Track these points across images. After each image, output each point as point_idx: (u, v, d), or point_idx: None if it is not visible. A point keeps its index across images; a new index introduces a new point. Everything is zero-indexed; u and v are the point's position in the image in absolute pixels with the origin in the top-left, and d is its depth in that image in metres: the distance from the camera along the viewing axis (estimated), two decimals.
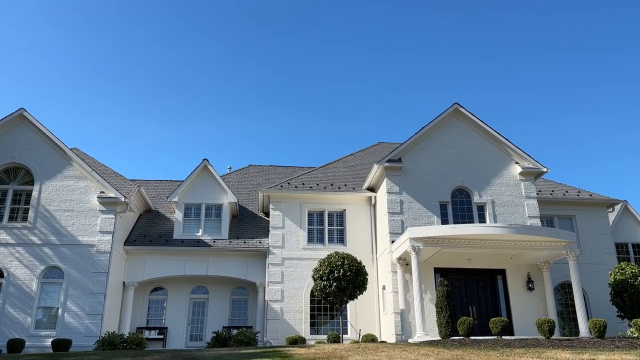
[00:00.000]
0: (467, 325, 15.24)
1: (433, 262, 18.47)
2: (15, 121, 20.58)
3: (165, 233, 21.87)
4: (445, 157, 20.47)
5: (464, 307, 18.48)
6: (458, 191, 20.16)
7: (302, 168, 28.32)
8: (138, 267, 20.84)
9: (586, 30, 67.49)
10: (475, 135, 20.94)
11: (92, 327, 18.14)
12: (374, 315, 20.25)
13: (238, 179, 27.52)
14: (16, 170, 20.29)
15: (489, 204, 19.95)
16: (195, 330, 21.20)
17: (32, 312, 18.34)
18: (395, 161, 20.07)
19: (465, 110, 20.90)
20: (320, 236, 21.64)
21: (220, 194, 22.44)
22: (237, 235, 21.98)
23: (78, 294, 18.57)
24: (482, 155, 20.67)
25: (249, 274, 21.12)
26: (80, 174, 20.22)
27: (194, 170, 22.55)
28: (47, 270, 18.95)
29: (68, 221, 19.53)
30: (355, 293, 17.32)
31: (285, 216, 21.54)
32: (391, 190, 19.81)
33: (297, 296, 20.36)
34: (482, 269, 18.94)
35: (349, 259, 17.35)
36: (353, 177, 23.33)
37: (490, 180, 20.31)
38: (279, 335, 19.45)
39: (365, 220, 21.74)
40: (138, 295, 21.04)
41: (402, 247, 17.59)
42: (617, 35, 66.09)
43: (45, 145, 20.42)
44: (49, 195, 19.84)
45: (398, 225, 19.19)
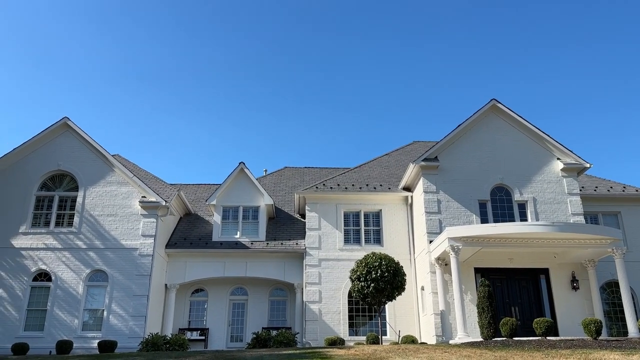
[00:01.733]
0: (510, 326, 14.93)
1: (473, 262, 18.17)
2: (60, 129, 21.33)
3: (205, 235, 22.26)
4: (484, 155, 20.10)
5: (506, 308, 18.11)
6: (497, 189, 19.77)
7: (337, 169, 28.32)
8: (179, 269, 21.28)
9: (628, 21, 65.10)
10: (514, 131, 20.50)
11: (136, 329, 18.61)
12: (413, 316, 20.07)
13: (274, 181, 27.76)
14: (61, 177, 21.02)
15: (530, 201, 19.49)
16: (236, 331, 21.49)
17: (79, 315, 18.94)
18: (431, 160, 19.84)
19: (503, 106, 20.49)
20: (356, 237, 21.59)
21: (257, 196, 22.68)
22: (274, 237, 22.16)
23: (122, 296, 19.08)
24: (522, 152, 20.21)
25: (287, 275, 21.27)
26: (122, 180, 20.80)
27: (230, 173, 22.88)
28: (93, 274, 19.56)
29: (111, 225, 20.11)
30: (393, 294, 17.19)
31: (321, 217, 21.59)
32: (428, 189, 19.59)
33: (335, 297, 20.37)
34: (524, 268, 18.52)
35: (386, 260, 17.24)
36: (389, 176, 23.19)
37: (531, 178, 19.84)
38: (318, 336, 19.50)
39: (401, 221, 21.57)
40: (180, 296, 21.48)
41: (441, 247, 17.37)
42: None
43: (88, 152, 21.09)
44: (93, 201, 20.48)
45: (436, 225, 18.96)
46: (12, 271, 19.40)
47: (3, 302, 18.99)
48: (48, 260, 19.56)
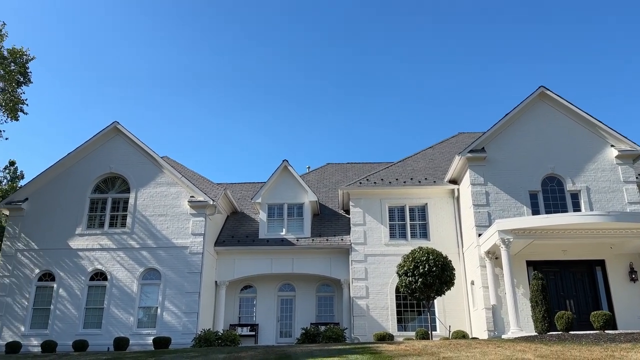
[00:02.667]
0: (566, 320, 14.50)
1: (525, 255, 17.70)
2: (110, 134, 22.10)
3: (251, 233, 22.61)
4: (533, 144, 19.52)
5: (561, 301, 17.57)
6: (549, 179, 19.17)
7: (380, 164, 28.15)
8: (228, 267, 21.70)
9: None
10: (565, 119, 19.81)
11: (189, 325, 19.10)
12: (463, 311, 19.74)
13: (317, 178, 27.86)
14: (113, 179, 21.78)
15: (584, 191, 18.81)
16: (284, 326, 21.74)
17: (134, 312, 19.59)
18: (478, 151, 19.43)
19: (552, 92, 19.83)
20: (402, 231, 21.41)
21: (301, 193, 22.83)
22: (319, 233, 22.26)
23: (174, 293, 19.62)
24: (573, 140, 19.52)
25: (333, 271, 21.33)
26: (171, 181, 21.37)
27: (274, 171, 23.13)
28: (146, 272, 20.19)
29: (162, 225, 20.70)
30: (442, 289, 16.98)
31: (365, 213, 21.52)
32: (475, 181, 19.20)
33: (382, 292, 20.28)
34: (578, 260, 17.92)
35: (433, 254, 17.05)
36: (433, 169, 22.86)
37: (584, 166, 19.14)
38: (366, 332, 19.48)
39: (448, 214, 21.24)
40: (229, 293, 21.91)
41: (490, 240, 17.00)
42: None
43: (138, 154, 21.76)
44: (144, 202, 21.13)
45: (484, 218, 18.57)
46: (70, 271, 20.26)
47: (63, 301, 19.87)
48: (103, 260, 20.32)
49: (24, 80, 23.75)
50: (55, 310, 19.74)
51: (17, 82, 23.41)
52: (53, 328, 19.46)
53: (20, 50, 23.29)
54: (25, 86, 23.91)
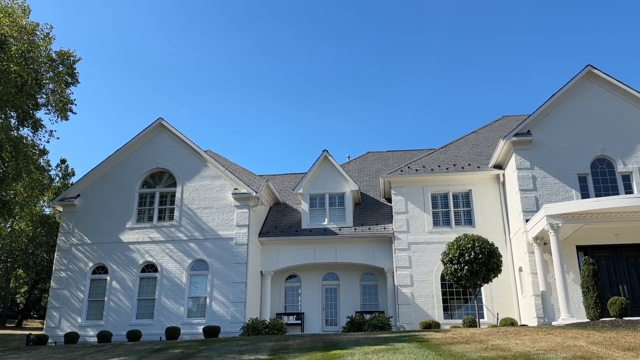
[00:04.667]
0: (619, 306, 14.05)
1: (574, 240, 17.21)
2: (156, 130, 22.71)
3: (294, 224, 22.84)
4: (581, 126, 18.87)
5: (613, 287, 17.00)
6: (598, 161, 18.52)
7: (421, 151, 27.84)
8: (272, 257, 22.03)
9: None
10: (614, 98, 19.04)
11: (236, 314, 19.55)
12: (511, 298, 19.39)
13: (357, 167, 27.82)
14: (160, 174, 22.42)
15: (636, 172, 18.08)
16: (330, 315, 21.95)
17: (184, 302, 20.19)
18: (523, 134, 18.94)
19: (600, 71, 19.08)
20: (446, 219, 21.16)
21: (342, 183, 22.88)
22: (362, 222, 22.27)
23: (222, 284, 20.09)
24: (624, 120, 18.75)
25: (376, 259, 21.34)
26: (215, 174, 21.81)
27: (315, 161, 23.24)
28: (194, 264, 20.75)
29: (208, 217, 21.18)
30: (489, 276, 16.76)
31: (407, 200, 21.37)
32: (521, 165, 18.74)
33: (427, 280, 20.15)
34: (632, 244, 17.23)
35: (479, 241, 16.82)
36: (477, 155, 22.44)
37: (635, 147, 18.36)
38: (412, 320, 19.43)
39: (493, 200, 20.84)
40: (275, 283, 22.27)
41: (538, 225, 16.60)
42: None
43: (183, 149, 22.30)
44: (190, 195, 21.66)
45: (532, 203, 18.13)
46: (122, 264, 21.04)
47: (117, 292, 20.68)
48: (153, 253, 20.99)
49: (72, 81, 24.65)
50: (109, 302, 20.56)
51: (66, 82, 24.31)
52: (107, 319, 20.29)
53: (68, 52, 24.16)
54: (73, 86, 24.81)
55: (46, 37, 23.48)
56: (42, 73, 23.57)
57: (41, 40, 23.28)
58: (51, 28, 23.67)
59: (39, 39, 23.23)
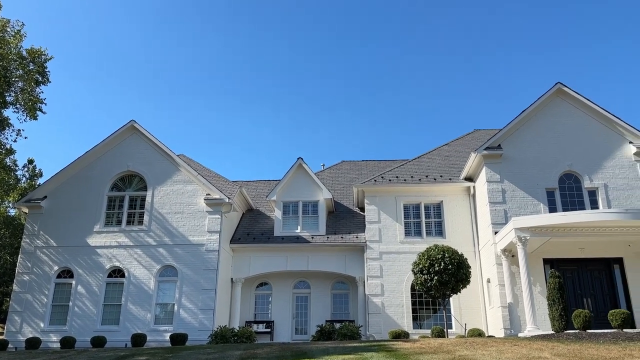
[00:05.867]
0: (583, 318, 14.35)
1: (541, 253, 17.55)
2: (127, 132, 22.33)
3: (267, 231, 22.71)
4: (550, 141, 19.33)
5: (578, 299, 17.39)
6: (566, 176, 18.98)
7: (395, 161, 28.06)
8: (244, 264, 21.84)
9: None
10: (582, 115, 19.58)
11: (205, 322, 19.27)
12: (479, 309, 19.64)
13: (332, 176, 27.88)
14: (131, 177, 22.02)
15: (602, 188, 18.58)
16: (300, 323, 21.83)
17: (152, 309, 19.80)
18: (494, 148, 19.29)
19: (569, 89, 19.60)
20: (417, 229, 21.35)
21: (316, 191, 22.88)
22: (334, 231, 22.29)
23: (191, 290, 19.79)
24: (591, 137, 19.28)
25: (348, 268, 21.35)
26: (187, 178, 21.55)
27: (289, 169, 23.20)
28: (163, 269, 20.40)
29: (179, 223, 20.89)
30: (458, 287, 16.93)
31: (380, 210, 21.49)
32: (491, 179, 19.07)
33: (398, 290, 20.26)
34: (596, 258, 17.69)
35: (449, 252, 16.99)
36: (449, 167, 22.74)
37: (602, 163, 18.90)
38: (382, 329, 19.48)
39: (464, 212, 21.12)
40: (245, 290, 22.06)
41: (507, 238, 16.88)
42: None
43: (155, 153, 21.97)
44: (161, 200, 21.34)
45: (501, 216, 18.44)
46: (88, 269, 20.54)
47: (82, 297, 20.17)
48: (121, 257, 20.57)
49: (43, 80, 24.09)
50: (73, 307, 20.04)
51: (36, 81, 23.75)
52: (72, 324, 19.76)
53: (39, 50, 23.63)
54: (43, 85, 24.25)
55: (17, 34, 22.91)
56: (12, 71, 22.98)
57: (11, 37, 22.71)
58: (22, 25, 23.13)
59: (9, 35, 22.66)
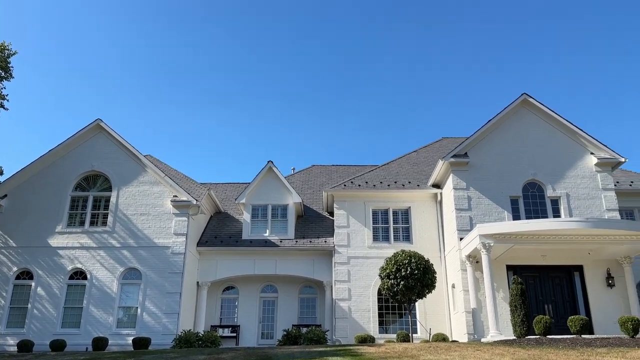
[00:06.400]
0: (544, 324, 14.71)
1: (505, 260, 17.92)
2: (93, 131, 21.85)
3: (235, 234, 22.53)
4: (515, 150, 19.79)
5: (539, 306, 17.82)
6: (530, 185, 19.45)
7: (364, 167, 28.25)
8: (210, 267, 21.59)
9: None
10: (546, 126, 20.12)
11: (169, 326, 18.95)
12: (444, 314, 19.91)
13: (302, 180, 27.88)
14: (95, 177, 21.53)
15: (564, 197, 19.11)
16: (266, 328, 21.69)
17: (114, 312, 19.37)
18: (460, 156, 19.63)
19: (534, 100, 20.13)
20: (385, 234, 21.52)
21: (285, 195, 22.82)
22: (303, 235, 22.27)
23: (155, 294, 19.46)
24: (555, 147, 19.83)
25: (316, 272, 21.36)
26: (154, 180, 21.20)
27: (259, 172, 23.08)
28: (126, 272, 19.99)
29: (144, 224, 20.52)
30: (423, 292, 17.12)
31: (349, 215, 21.59)
32: (458, 186, 19.39)
33: (365, 295, 20.36)
34: (557, 265, 18.18)
35: (415, 257, 17.18)
36: (417, 174, 23.03)
37: (564, 173, 19.45)
38: (348, 334, 19.54)
39: (431, 218, 21.41)
40: (211, 294, 21.79)
41: (472, 244, 17.19)
42: None
43: (121, 153, 21.55)
44: (126, 201, 20.93)
45: (466, 222, 18.76)
46: (49, 270, 19.97)
47: (41, 300, 19.58)
48: (83, 259, 20.07)
49: (5, 75, 23.33)
50: (32, 310, 19.44)
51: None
52: (30, 327, 19.16)
53: (2, 45, 22.91)
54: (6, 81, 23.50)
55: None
56: None
57: None
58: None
59: None
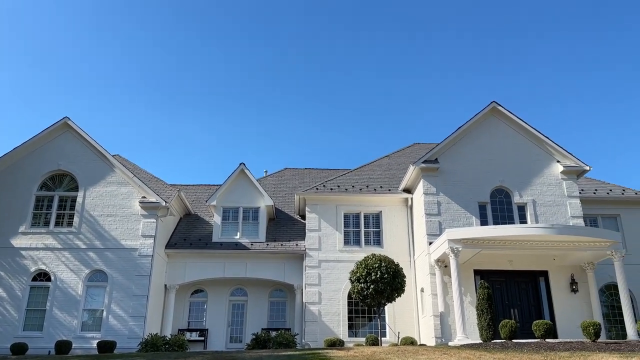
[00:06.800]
0: (509, 328, 14.95)
1: (472, 264, 18.18)
2: (60, 129, 21.34)
3: (205, 236, 22.27)
4: (484, 157, 20.13)
5: (506, 310, 18.12)
6: (497, 191, 19.80)
7: (337, 170, 28.31)
8: (179, 270, 21.28)
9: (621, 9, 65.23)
10: (515, 134, 20.53)
11: (135, 329, 18.61)
12: (413, 318, 20.08)
13: (274, 182, 27.77)
14: (61, 177, 21.02)
15: (530, 204, 19.52)
16: (235, 332, 21.50)
17: (78, 315, 18.93)
18: (431, 162, 19.86)
19: (503, 108, 20.52)
20: (356, 238, 21.60)
21: (257, 197, 22.69)
22: (274, 238, 22.17)
23: (122, 296, 19.08)
24: (522, 155, 20.24)
25: (287, 276, 21.27)
26: (122, 180, 20.81)
27: (231, 174, 22.89)
28: (92, 274, 19.56)
29: (111, 226, 20.12)
30: (393, 295, 17.22)
31: (321, 218, 21.60)
32: (428, 191, 19.61)
33: (335, 298, 20.38)
34: (523, 270, 18.54)
35: (386, 261, 17.27)
36: (389, 178, 23.20)
37: (531, 180, 19.87)
38: (317, 338, 19.51)
39: (401, 222, 21.58)
40: (179, 297, 21.48)
41: (441, 248, 17.39)
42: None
43: (89, 152, 21.10)
44: (93, 201, 20.49)
45: (436, 227, 18.98)
46: (11, 271, 19.40)
47: (2, 302, 18.99)
48: (47, 260, 19.56)
49: None
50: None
51: None
52: None
53: None
54: None
55: None
56: None
57: None
58: None
59: None
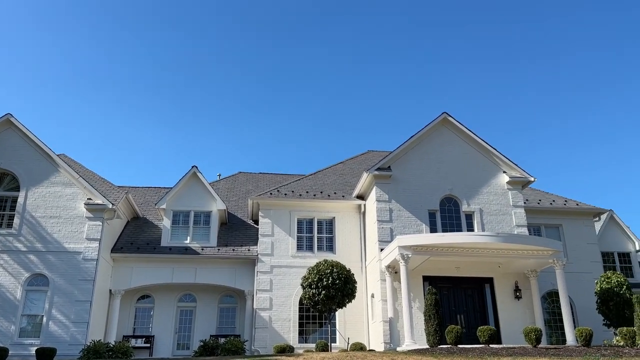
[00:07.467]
0: (455, 334, 15.28)
1: (422, 271, 18.50)
2: (2, 126, 20.36)
3: (153, 240, 21.70)
4: (434, 166, 20.57)
5: (452, 316, 18.50)
6: (447, 200, 20.27)
7: (291, 175, 28.28)
8: (125, 275, 20.63)
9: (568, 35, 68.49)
10: (464, 144, 21.09)
11: (77, 336, 17.90)
12: (363, 324, 20.20)
13: (227, 187, 27.43)
14: (2, 176, 20.05)
15: (477, 212, 20.07)
16: (183, 338, 20.99)
17: (16, 320, 18.06)
18: (384, 169, 20.13)
19: (453, 119, 21.06)
20: (309, 244, 21.57)
21: (209, 201, 22.33)
22: (226, 243, 21.87)
23: (63, 301, 18.33)
24: (471, 165, 20.80)
25: (238, 282, 21.00)
26: (67, 181, 20.04)
27: (182, 177, 22.43)
28: (32, 278, 18.70)
29: (54, 228, 19.32)
30: (344, 301, 17.28)
31: (274, 224, 21.47)
32: (380, 198, 19.85)
33: (286, 304, 20.26)
34: (470, 277, 19.00)
35: (337, 267, 17.33)
36: (343, 185, 23.35)
37: (479, 189, 20.44)
38: (267, 344, 19.32)
39: (354, 228, 21.73)
40: (124, 303, 20.81)
41: (391, 255, 17.61)
42: (608, 38, 67.12)
43: (32, 151, 20.23)
44: (35, 202, 19.63)
45: (387, 234, 19.21)
46: None
47: None
48: None
49: None
50: None
51: None
52: None
53: None
54: None
55: None
56: None
57: None
58: None
59: None
